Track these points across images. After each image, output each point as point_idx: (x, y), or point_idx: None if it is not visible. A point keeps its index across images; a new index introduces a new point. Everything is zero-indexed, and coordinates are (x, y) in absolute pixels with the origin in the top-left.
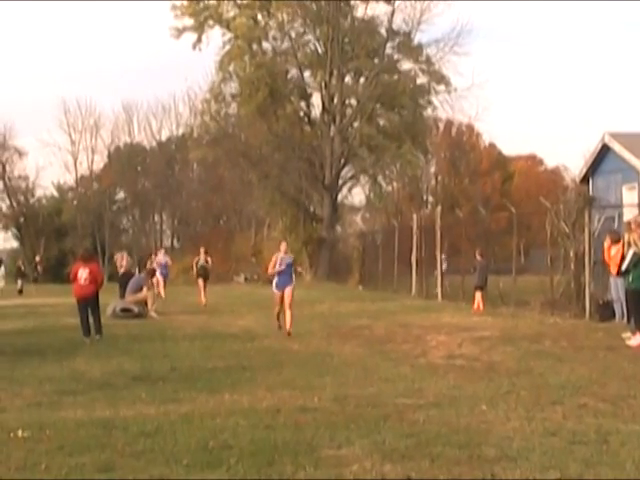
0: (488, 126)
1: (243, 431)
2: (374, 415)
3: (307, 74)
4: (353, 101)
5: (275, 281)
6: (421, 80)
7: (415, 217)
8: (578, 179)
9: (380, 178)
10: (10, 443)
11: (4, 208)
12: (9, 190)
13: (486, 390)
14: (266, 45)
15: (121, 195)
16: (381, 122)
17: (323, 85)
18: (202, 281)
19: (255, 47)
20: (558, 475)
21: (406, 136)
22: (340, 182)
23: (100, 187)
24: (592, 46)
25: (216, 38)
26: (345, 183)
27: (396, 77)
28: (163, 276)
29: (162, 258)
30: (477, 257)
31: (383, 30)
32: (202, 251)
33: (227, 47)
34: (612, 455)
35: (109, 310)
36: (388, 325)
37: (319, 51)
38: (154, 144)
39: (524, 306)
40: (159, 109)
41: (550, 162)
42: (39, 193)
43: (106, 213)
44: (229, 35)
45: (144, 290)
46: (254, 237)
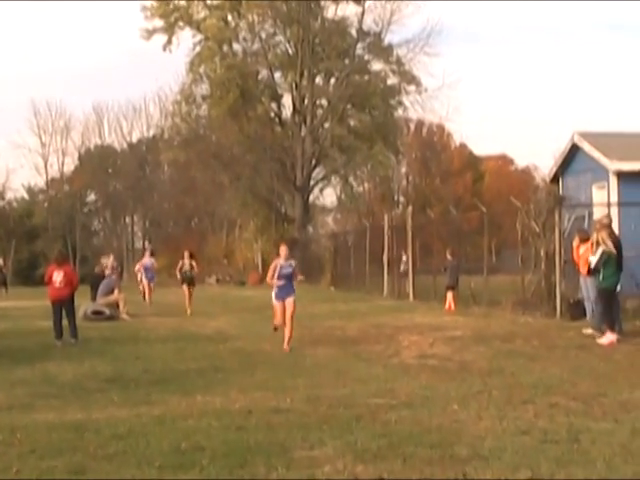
0: (459, 126)
1: (215, 432)
2: (346, 416)
3: (278, 75)
4: (324, 102)
5: (275, 291)
6: (392, 81)
7: (386, 217)
8: (548, 179)
9: (351, 179)
10: None
11: None
12: None
13: (458, 390)
14: (236, 46)
15: (92, 197)
16: (352, 123)
17: (294, 86)
18: (187, 288)
19: (225, 48)
20: (530, 474)
21: (377, 136)
22: (311, 183)
23: (71, 189)
24: (562, 46)
25: (186, 39)
26: (316, 184)
27: (367, 78)
28: (148, 280)
29: (147, 260)
30: (448, 257)
31: (353, 31)
32: (186, 255)
33: (197, 48)
34: (583, 454)
35: (80, 312)
36: (361, 326)
37: (290, 52)
38: (125, 146)
39: (496, 306)
40: (130, 110)
41: (521, 162)
42: (9, 196)
43: (77, 215)
44: (199, 36)
45: (115, 292)
46: (226, 238)
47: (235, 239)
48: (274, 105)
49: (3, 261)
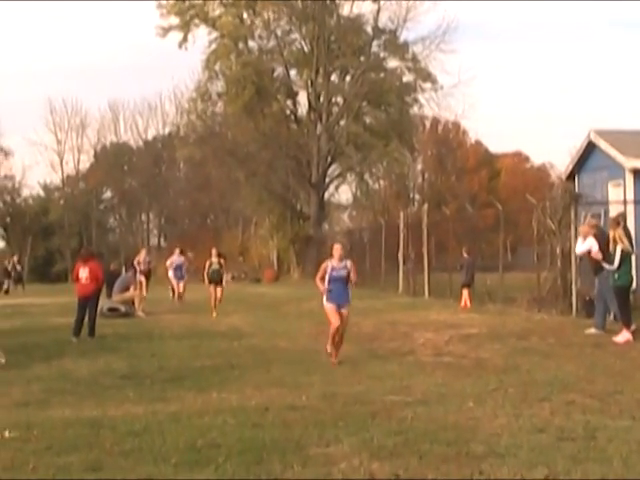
0: (474, 124)
1: (231, 430)
2: (362, 413)
3: (293, 72)
4: (339, 99)
5: (326, 295)
6: (407, 78)
7: (402, 215)
8: (564, 176)
9: (367, 176)
10: None
11: None
12: None
13: (474, 387)
14: (252, 44)
15: (108, 194)
16: (367, 120)
17: (309, 83)
18: (214, 288)
19: (241, 46)
20: (546, 472)
21: (393, 134)
22: (327, 180)
23: (87, 186)
24: (578, 43)
25: (202, 37)
26: (332, 181)
27: (382, 75)
28: (177, 279)
29: (176, 258)
30: (464, 254)
31: (369, 28)
32: (214, 253)
33: (213, 46)
34: (600, 451)
35: None
36: (376, 323)
37: (305, 49)
38: (140, 143)
39: (511, 303)
40: (145, 108)
41: (536, 159)
42: (25, 193)
43: (93, 212)
44: (215, 34)
45: (131, 289)
46: (241, 235)
47: (250, 236)
48: (289, 102)
49: (19, 258)
